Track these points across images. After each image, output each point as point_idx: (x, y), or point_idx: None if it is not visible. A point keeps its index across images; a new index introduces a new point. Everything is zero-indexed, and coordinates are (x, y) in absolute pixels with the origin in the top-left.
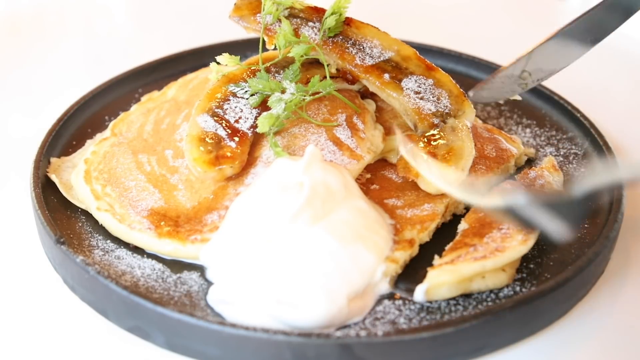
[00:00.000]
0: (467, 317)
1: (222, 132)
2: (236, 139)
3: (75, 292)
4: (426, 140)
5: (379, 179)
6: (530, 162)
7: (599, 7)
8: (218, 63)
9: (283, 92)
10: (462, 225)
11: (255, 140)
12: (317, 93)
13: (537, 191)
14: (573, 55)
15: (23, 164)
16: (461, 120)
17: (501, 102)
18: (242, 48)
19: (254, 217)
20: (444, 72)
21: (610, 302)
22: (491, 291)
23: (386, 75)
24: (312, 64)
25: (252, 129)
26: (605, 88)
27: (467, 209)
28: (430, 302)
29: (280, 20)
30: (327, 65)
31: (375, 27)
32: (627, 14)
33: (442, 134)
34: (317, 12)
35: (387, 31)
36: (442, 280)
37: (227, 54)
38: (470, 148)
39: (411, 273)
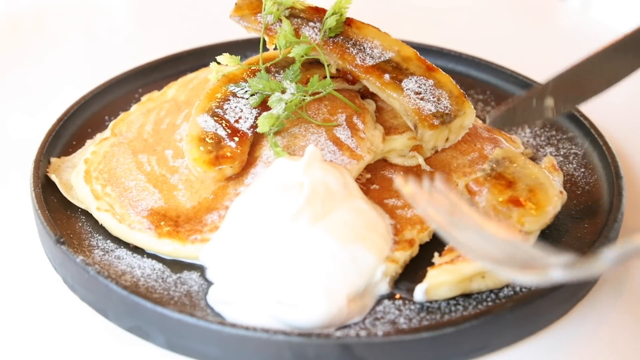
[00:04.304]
0: (467, 317)
1: (222, 132)
2: (236, 139)
3: (75, 292)
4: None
5: (379, 179)
6: None
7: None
8: (218, 63)
9: (283, 92)
10: None
11: (255, 140)
12: (317, 93)
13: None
14: (605, 83)
15: (23, 164)
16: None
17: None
18: (242, 48)
19: (254, 217)
20: (445, 73)
21: (610, 302)
22: (491, 291)
23: (386, 76)
24: (313, 64)
25: (252, 129)
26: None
27: None
28: (430, 302)
29: (280, 20)
30: (328, 66)
31: (375, 27)
32: None
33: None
34: (318, 12)
35: (387, 32)
36: (442, 279)
37: (227, 54)
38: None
39: (411, 273)
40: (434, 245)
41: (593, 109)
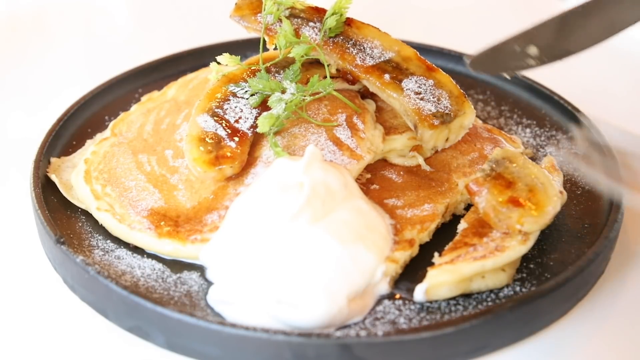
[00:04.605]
0: (467, 317)
1: (222, 132)
2: (236, 139)
3: (75, 292)
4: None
5: (379, 179)
6: None
7: None
8: (218, 63)
9: (283, 92)
10: (462, 225)
11: (255, 140)
12: (317, 93)
13: None
14: (593, 37)
15: (23, 164)
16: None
17: (506, 76)
18: (242, 48)
19: (254, 217)
20: (445, 73)
21: (610, 302)
22: (491, 291)
23: (386, 76)
24: (313, 64)
25: (252, 129)
26: (605, 88)
27: (467, 209)
28: (430, 302)
29: (280, 20)
30: (328, 66)
31: (375, 27)
32: None
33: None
34: (318, 12)
35: (387, 32)
36: (442, 280)
37: (227, 54)
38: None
39: (411, 273)
40: (434, 245)
41: (593, 109)
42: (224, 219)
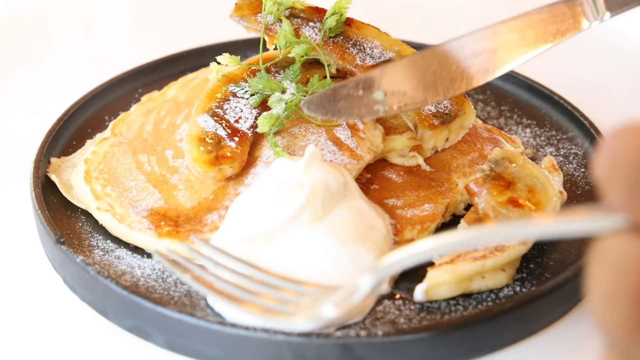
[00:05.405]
0: (467, 317)
1: (222, 132)
2: (236, 139)
3: (75, 292)
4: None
5: (379, 179)
6: None
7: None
8: (218, 63)
9: (283, 92)
10: (462, 225)
11: (255, 140)
12: None
13: None
14: (450, 85)
15: (23, 164)
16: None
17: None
18: (242, 48)
19: (254, 217)
20: None
21: None
22: (491, 291)
23: None
24: (313, 64)
25: (252, 129)
26: (605, 88)
27: (467, 209)
28: (430, 302)
29: (280, 20)
30: (328, 66)
31: (376, 27)
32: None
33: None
34: (318, 12)
35: (387, 32)
36: (441, 279)
37: (227, 54)
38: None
39: (411, 273)
40: None
41: (593, 109)
42: (224, 219)
